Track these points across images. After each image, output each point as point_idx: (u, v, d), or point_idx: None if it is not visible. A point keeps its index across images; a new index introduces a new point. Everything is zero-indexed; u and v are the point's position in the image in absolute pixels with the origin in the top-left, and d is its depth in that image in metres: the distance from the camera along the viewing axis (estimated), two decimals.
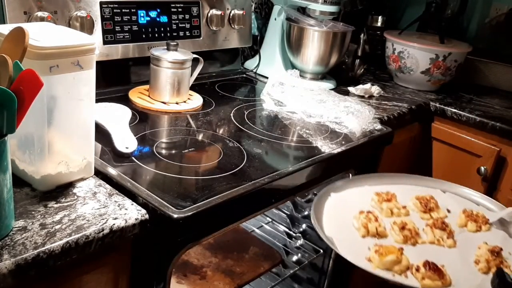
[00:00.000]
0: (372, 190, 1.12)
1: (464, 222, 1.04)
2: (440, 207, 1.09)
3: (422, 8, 2.01)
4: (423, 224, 1.02)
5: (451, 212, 1.08)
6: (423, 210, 1.07)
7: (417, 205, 1.09)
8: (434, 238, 0.99)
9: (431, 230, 1.00)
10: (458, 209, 1.08)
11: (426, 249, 0.95)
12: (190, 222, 0.82)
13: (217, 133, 1.20)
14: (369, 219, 1.00)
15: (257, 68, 1.70)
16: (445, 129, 1.66)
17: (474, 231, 1.02)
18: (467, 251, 0.95)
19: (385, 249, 0.89)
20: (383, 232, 0.99)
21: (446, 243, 0.98)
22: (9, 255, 0.65)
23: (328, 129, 1.28)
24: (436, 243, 0.98)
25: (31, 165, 0.82)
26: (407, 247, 0.95)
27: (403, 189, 1.13)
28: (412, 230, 0.98)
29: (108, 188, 0.86)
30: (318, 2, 1.55)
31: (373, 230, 0.98)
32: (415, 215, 1.07)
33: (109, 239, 0.76)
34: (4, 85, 0.65)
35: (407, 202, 1.10)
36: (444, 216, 1.07)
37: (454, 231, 1.00)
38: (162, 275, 0.88)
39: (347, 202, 1.07)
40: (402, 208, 1.08)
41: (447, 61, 1.71)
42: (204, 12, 1.50)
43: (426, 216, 1.06)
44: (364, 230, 0.99)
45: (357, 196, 1.11)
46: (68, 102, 0.81)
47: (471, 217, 1.05)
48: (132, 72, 1.39)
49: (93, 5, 1.23)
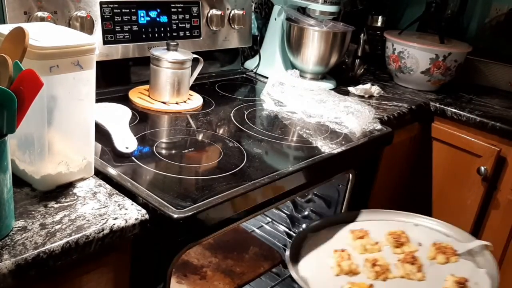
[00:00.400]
0: (347, 228, 1.17)
1: (433, 255, 1.08)
2: (411, 241, 1.14)
3: (422, 8, 2.01)
4: (395, 259, 1.07)
5: (422, 245, 1.12)
6: (395, 245, 1.12)
7: (389, 240, 1.14)
8: (404, 272, 1.03)
9: (401, 264, 1.04)
10: (429, 242, 1.12)
11: (396, 284, 1.00)
12: (190, 222, 0.82)
13: (217, 133, 1.20)
14: (342, 258, 1.05)
15: (257, 68, 1.70)
16: (445, 129, 1.66)
17: (443, 263, 1.06)
18: (435, 284, 1.00)
19: (357, 286, 0.96)
20: (356, 269, 1.04)
21: (415, 277, 1.02)
22: (9, 255, 0.65)
23: (328, 129, 1.28)
24: (406, 277, 1.02)
25: (31, 165, 0.82)
26: (378, 282, 1.00)
27: (376, 225, 1.18)
28: (383, 266, 1.03)
29: (108, 188, 0.86)
30: (318, 2, 1.55)
31: (346, 268, 1.03)
32: (387, 250, 1.12)
33: (109, 239, 0.76)
34: (4, 85, 0.65)
35: (380, 238, 1.15)
36: (415, 250, 1.11)
37: (424, 265, 1.05)
38: (162, 275, 0.88)
39: (324, 242, 1.12)
40: (374, 244, 1.12)
41: (447, 61, 1.71)
42: (204, 12, 1.50)
43: (398, 250, 1.11)
44: (338, 269, 1.03)
45: (333, 235, 1.15)
46: (68, 102, 0.81)
47: (440, 249, 1.09)
48: (132, 72, 1.39)
49: (93, 5, 1.23)
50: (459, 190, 1.66)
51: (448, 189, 1.70)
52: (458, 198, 1.66)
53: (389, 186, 1.67)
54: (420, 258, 1.06)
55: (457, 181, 1.66)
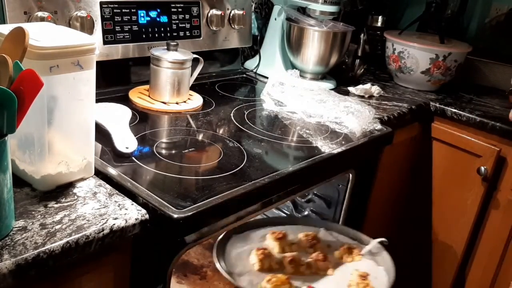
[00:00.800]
0: (268, 230, 1.29)
1: (341, 254, 1.24)
2: (322, 242, 1.29)
3: (422, 8, 2.01)
4: (309, 258, 1.20)
5: (331, 247, 1.27)
6: (309, 245, 1.25)
7: (304, 241, 1.27)
8: (316, 268, 1.17)
9: (314, 262, 1.18)
10: (337, 244, 1.29)
11: (310, 278, 1.15)
12: (190, 222, 0.82)
13: (217, 133, 1.20)
14: (264, 255, 1.16)
15: (257, 68, 1.70)
16: (445, 129, 1.66)
17: (349, 261, 1.22)
18: (343, 277, 1.16)
19: (276, 278, 1.08)
20: (276, 265, 1.16)
21: (326, 273, 1.17)
22: (9, 255, 0.65)
23: (328, 129, 1.28)
24: (318, 273, 1.17)
25: (31, 165, 0.82)
26: (295, 277, 1.14)
27: (293, 229, 1.32)
28: (299, 263, 1.17)
29: (108, 188, 0.86)
30: (318, 2, 1.55)
31: (267, 264, 1.15)
32: (302, 250, 1.25)
33: (109, 239, 0.76)
34: (4, 85, 0.65)
35: (296, 239, 1.29)
36: (326, 250, 1.25)
37: (333, 262, 1.20)
38: (162, 275, 0.88)
39: (246, 241, 1.23)
40: (292, 244, 1.25)
41: (447, 61, 1.71)
42: (204, 12, 1.50)
43: (311, 250, 1.24)
44: (259, 264, 1.15)
45: (255, 236, 1.27)
46: (68, 102, 0.81)
47: (347, 250, 1.24)
48: (132, 72, 1.39)
49: (93, 5, 1.23)
50: (459, 190, 1.66)
51: (448, 189, 1.70)
52: (458, 198, 1.66)
53: (389, 186, 1.67)
54: (329, 257, 1.21)
55: (457, 181, 1.66)
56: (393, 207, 1.77)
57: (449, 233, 1.72)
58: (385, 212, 1.73)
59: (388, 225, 1.79)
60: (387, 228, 1.80)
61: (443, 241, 1.74)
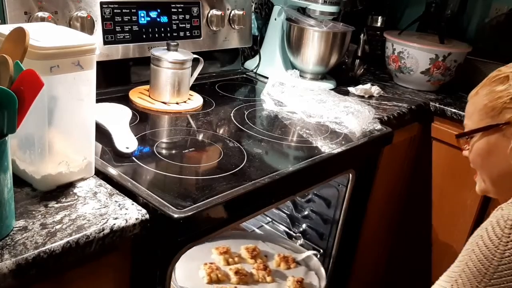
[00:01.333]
0: (212, 245, 1.40)
1: (278, 263, 1.39)
2: (261, 253, 1.43)
3: (422, 8, 2.02)
4: (251, 268, 1.34)
5: (269, 256, 1.43)
6: (250, 257, 1.38)
7: (245, 253, 1.40)
8: (258, 277, 1.30)
9: (257, 271, 1.32)
10: (275, 253, 1.44)
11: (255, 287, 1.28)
12: (190, 222, 0.82)
13: (217, 133, 1.20)
14: (212, 269, 1.28)
15: (257, 68, 1.70)
16: (445, 129, 1.66)
17: (286, 268, 1.38)
18: (282, 284, 1.31)
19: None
20: (223, 277, 1.28)
21: (267, 280, 1.31)
22: (10, 255, 0.66)
23: (328, 129, 1.28)
24: (260, 281, 1.30)
25: (32, 165, 0.82)
26: (241, 286, 1.26)
27: (234, 243, 1.45)
28: (243, 273, 1.29)
29: (108, 188, 0.86)
30: (318, 2, 1.55)
31: (215, 277, 1.27)
32: (245, 261, 1.38)
33: (110, 239, 0.76)
34: (4, 85, 0.65)
35: (238, 252, 1.41)
36: (265, 260, 1.41)
37: (272, 271, 1.35)
38: (162, 275, 0.88)
39: (194, 258, 1.30)
40: (235, 257, 1.38)
41: (447, 61, 1.71)
42: (204, 12, 1.50)
43: (252, 261, 1.37)
44: (208, 278, 1.26)
45: (201, 252, 1.35)
46: (69, 102, 0.81)
47: (283, 259, 1.40)
48: (133, 72, 1.39)
49: (94, 5, 1.23)
50: (459, 190, 1.66)
51: (448, 189, 1.70)
52: (458, 198, 1.66)
53: (389, 186, 1.67)
54: (269, 266, 1.36)
55: (457, 181, 1.66)
56: (393, 207, 1.77)
57: (449, 233, 1.72)
58: (385, 212, 1.73)
59: (388, 225, 1.79)
60: (387, 228, 1.80)
61: (443, 241, 1.74)
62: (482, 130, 0.90)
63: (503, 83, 0.88)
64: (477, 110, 0.92)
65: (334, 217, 1.37)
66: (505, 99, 0.86)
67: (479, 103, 0.91)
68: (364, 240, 1.56)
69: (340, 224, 1.36)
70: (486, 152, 0.91)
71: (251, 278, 1.30)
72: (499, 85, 0.88)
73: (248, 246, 1.42)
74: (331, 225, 1.39)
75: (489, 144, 0.90)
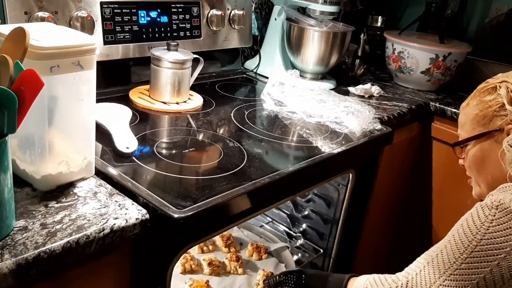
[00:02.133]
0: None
1: (251, 253, 1.39)
2: (236, 241, 1.44)
3: (422, 8, 2.02)
4: (224, 258, 1.34)
5: (243, 245, 1.43)
6: (224, 245, 1.39)
7: (220, 242, 1.40)
8: (230, 268, 1.31)
9: (229, 262, 1.32)
10: (249, 241, 1.43)
11: (226, 279, 1.29)
12: (191, 222, 0.82)
13: (218, 133, 1.20)
14: (186, 259, 1.28)
15: (257, 68, 1.70)
16: (445, 129, 1.66)
17: (257, 259, 1.38)
18: (252, 278, 1.32)
19: (196, 282, 1.21)
20: (196, 268, 1.29)
21: (238, 272, 1.31)
22: (10, 255, 0.66)
23: (328, 129, 1.28)
24: (232, 272, 1.31)
25: (32, 165, 0.82)
26: (213, 278, 1.28)
27: None
28: (216, 264, 1.30)
29: (108, 188, 0.86)
30: (318, 2, 1.55)
31: (189, 267, 1.27)
32: (219, 249, 1.40)
33: (110, 239, 0.76)
34: (5, 85, 0.65)
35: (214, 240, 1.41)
36: (238, 249, 1.41)
37: (244, 261, 1.35)
38: (162, 275, 0.88)
39: None
40: (210, 245, 1.39)
41: (447, 61, 1.71)
42: (205, 12, 1.50)
43: (226, 250, 1.39)
44: (182, 268, 1.27)
45: None
46: (69, 102, 0.81)
47: (256, 249, 1.39)
48: (133, 72, 1.39)
49: (94, 5, 1.23)
50: (459, 190, 1.65)
51: (448, 189, 1.70)
52: (458, 198, 1.66)
53: (389, 186, 1.67)
54: (241, 257, 1.36)
55: (457, 181, 1.66)
56: (393, 207, 1.77)
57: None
58: (385, 212, 1.73)
59: (388, 224, 1.79)
60: (387, 227, 1.80)
61: None
62: (476, 138, 0.96)
63: (491, 94, 0.94)
64: (469, 119, 0.98)
65: (334, 217, 1.37)
66: (495, 107, 0.92)
67: (470, 113, 0.98)
68: (364, 240, 1.56)
69: (340, 224, 1.36)
70: (480, 158, 0.97)
71: (223, 270, 1.31)
72: (488, 95, 0.95)
73: (223, 234, 1.41)
74: (331, 225, 1.39)
75: (483, 150, 0.96)
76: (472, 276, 0.80)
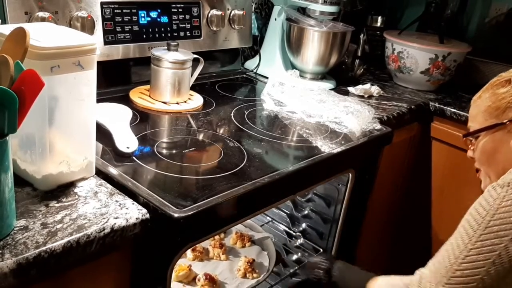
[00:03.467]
0: None
1: (235, 241, 1.42)
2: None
3: (422, 8, 2.02)
4: (208, 244, 1.36)
5: (227, 232, 1.45)
6: None
7: None
8: (214, 255, 1.34)
9: (212, 249, 1.35)
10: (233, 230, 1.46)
11: (209, 264, 1.32)
12: (191, 222, 0.82)
13: (218, 133, 1.20)
14: None
15: (257, 68, 1.70)
16: (445, 129, 1.66)
17: (241, 247, 1.40)
18: (234, 263, 1.33)
19: (179, 267, 1.22)
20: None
21: (221, 258, 1.34)
22: (11, 254, 0.66)
23: (328, 129, 1.28)
24: (215, 258, 1.33)
25: (33, 165, 0.82)
26: (196, 263, 1.30)
27: None
28: (200, 250, 1.32)
29: (109, 188, 0.86)
30: (318, 2, 1.55)
31: None
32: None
33: (110, 238, 0.76)
34: (5, 85, 0.65)
35: None
36: (222, 237, 1.43)
37: (227, 248, 1.38)
38: (162, 275, 0.89)
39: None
40: None
41: (447, 61, 1.71)
42: (205, 12, 1.51)
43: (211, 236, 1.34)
44: None
45: None
46: (69, 102, 0.81)
47: (240, 237, 1.42)
48: (133, 72, 1.40)
49: (94, 5, 1.24)
50: (459, 190, 1.66)
51: (448, 189, 1.70)
52: (458, 198, 1.66)
53: (389, 186, 1.67)
54: (225, 244, 1.38)
55: (457, 181, 1.66)
56: (392, 207, 1.77)
57: (449, 233, 1.71)
58: (384, 211, 1.73)
59: (388, 224, 1.79)
60: (387, 227, 1.80)
61: (443, 241, 1.74)
62: (488, 129, 0.98)
63: (504, 86, 0.96)
64: (481, 111, 1.00)
65: (334, 217, 1.37)
66: (508, 99, 0.95)
67: (482, 105, 1.00)
68: (364, 239, 1.56)
69: (340, 223, 1.36)
70: (492, 149, 0.99)
71: (206, 256, 1.33)
72: (501, 88, 0.97)
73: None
74: (331, 225, 1.39)
75: (495, 141, 0.98)
76: (487, 255, 0.82)
